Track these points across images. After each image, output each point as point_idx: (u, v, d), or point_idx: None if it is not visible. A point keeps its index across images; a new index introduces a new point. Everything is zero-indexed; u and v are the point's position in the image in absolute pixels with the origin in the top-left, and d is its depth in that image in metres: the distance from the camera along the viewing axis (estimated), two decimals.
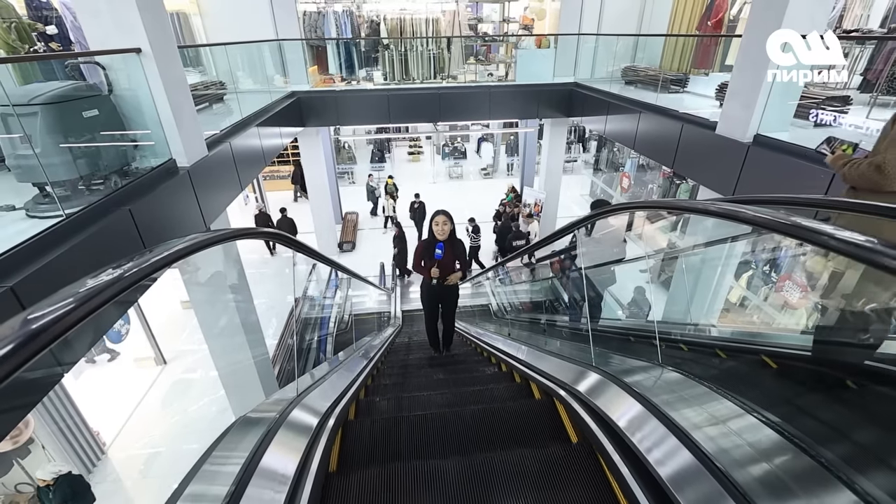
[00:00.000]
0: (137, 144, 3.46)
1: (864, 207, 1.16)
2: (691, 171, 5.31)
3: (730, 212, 1.13)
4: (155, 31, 3.28)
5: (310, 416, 1.72)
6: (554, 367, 2.20)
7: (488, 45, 10.07)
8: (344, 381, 2.64)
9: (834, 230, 0.75)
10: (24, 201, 2.79)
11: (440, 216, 3.59)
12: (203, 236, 1.06)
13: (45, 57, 4.12)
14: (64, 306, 0.61)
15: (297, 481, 1.36)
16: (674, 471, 1.12)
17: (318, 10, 8.82)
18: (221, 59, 6.22)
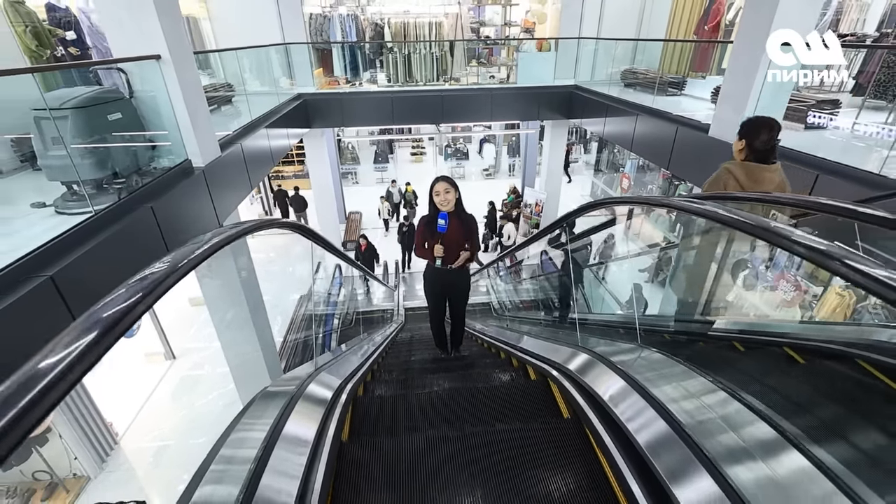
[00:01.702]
0: (156, 145, 3.65)
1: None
2: (686, 172, 5.47)
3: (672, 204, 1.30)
4: (173, 38, 3.47)
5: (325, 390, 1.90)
6: (546, 349, 2.38)
7: (490, 48, 10.25)
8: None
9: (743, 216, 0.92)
10: (53, 199, 2.98)
11: (441, 183, 2.86)
12: (245, 224, 1.24)
13: (74, 65, 4.32)
14: (161, 273, 0.77)
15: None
16: (613, 398, 1.28)
17: (324, 14, 9.01)
18: (229, 62, 6.40)
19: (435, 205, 2.89)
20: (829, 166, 3.46)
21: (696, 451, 1.14)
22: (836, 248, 0.72)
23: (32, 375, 0.49)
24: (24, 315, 1.99)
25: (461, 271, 3.15)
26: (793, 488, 0.97)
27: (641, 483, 1.18)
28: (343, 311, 6.93)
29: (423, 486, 1.42)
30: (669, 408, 1.23)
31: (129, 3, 3.20)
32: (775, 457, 1.11)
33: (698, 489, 1.01)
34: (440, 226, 2.86)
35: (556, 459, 1.49)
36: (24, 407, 0.45)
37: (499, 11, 10.72)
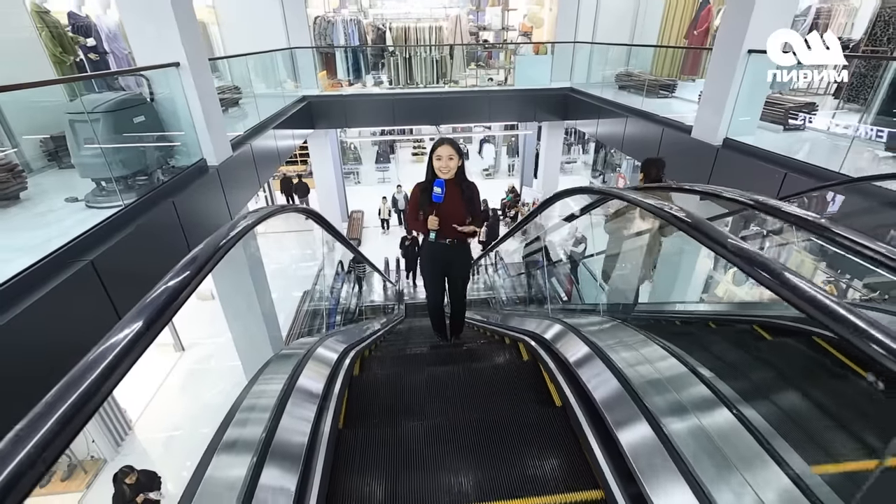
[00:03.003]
0: (174, 145, 3.94)
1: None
2: (672, 172, 5.73)
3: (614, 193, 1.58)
4: (191, 46, 3.76)
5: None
6: (520, 322, 2.71)
7: (489, 52, 10.54)
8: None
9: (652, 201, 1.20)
10: (84, 194, 3.28)
11: (445, 146, 2.48)
12: (269, 208, 1.52)
13: (104, 74, 4.63)
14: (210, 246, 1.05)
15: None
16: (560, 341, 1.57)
17: (328, 19, 9.31)
18: (237, 66, 6.70)
19: (434, 170, 2.53)
20: (797, 165, 3.73)
21: (599, 352, 1.44)
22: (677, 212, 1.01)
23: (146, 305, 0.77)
24: (70, 293, 2.29)
25: (461, 246, 2.80)
26: (719, 438, 1.21)
27: (569, 387, 1.50)
28: (345, 305, 7.22)
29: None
30: (599, 344, 1.54)
31: (152, 15, 3.49)
32: (706, 410, 1.38)
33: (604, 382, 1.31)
34: (436, 195, 2.51)
35: (517, 383, 1.93)
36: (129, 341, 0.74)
37: (497, 12, 11.02)
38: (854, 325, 0.59)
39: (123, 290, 2.56)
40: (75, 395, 0.57)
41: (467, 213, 2.62)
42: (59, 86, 3.90)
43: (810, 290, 0.67)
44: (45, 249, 2.36)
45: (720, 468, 1.01)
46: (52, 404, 0.55)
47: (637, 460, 1.12)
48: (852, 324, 0.60)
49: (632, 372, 1.40)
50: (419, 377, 2.04)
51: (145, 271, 2.83)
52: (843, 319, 0.61)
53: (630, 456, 1.14)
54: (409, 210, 2.78)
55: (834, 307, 0.63)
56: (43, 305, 2.07)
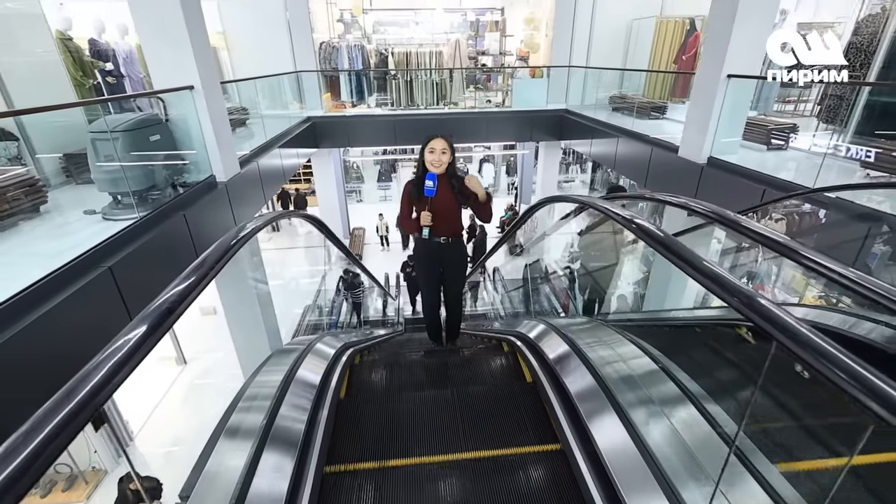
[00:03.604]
0: (186, 163, 4.17)
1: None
2: (659, 188, 5.95)
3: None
4: (204, 71, 4.03)
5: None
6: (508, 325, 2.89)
7: (488, 75, 10.93)
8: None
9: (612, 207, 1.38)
10: (101, 207, 3.48)
11: (438, 140, 2.48)
12: (273, 214, 1.71)
13: (124, 97, 4.92)
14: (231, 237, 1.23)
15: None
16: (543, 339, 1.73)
17: (333, 44, 9.73)
18: (245, 88, 7.02)
19: (425, 165, 2.51)
20: (775, 182, 3.93)
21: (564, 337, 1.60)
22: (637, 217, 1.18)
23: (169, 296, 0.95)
24: (89, 296, 2.46)
25: (456, 243, 2.74)
26: (678, 424, 1.37)
27: (538, 364, 1.66)
28: (345, 321, 7.35)
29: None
30: (571, 337, 1.70)
31: (170, 40, 3.77)
32: (671, 404, 1.54)
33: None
34: (428, 188, 2.46)
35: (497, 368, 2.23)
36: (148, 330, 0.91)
37: (497, 39, 11.46)
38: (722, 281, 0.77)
39: (136, 294, 2.74)
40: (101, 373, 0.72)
41: (460, 207, 2.61)
42: (78, 107, 4.18)
43: (708, 265, 0.84)
44: (66, 257, 2.54)
45: (653, 415, 1.18)
46: (73, 389, 0.67)
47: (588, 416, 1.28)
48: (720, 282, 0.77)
49: (589, 351, 1.57)
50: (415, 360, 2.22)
51: (156, 278, 3.01)
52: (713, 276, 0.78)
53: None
54: (400, 207, 2.70)
55: (712, 269, 0.80)
56: (67, 305, 2.25)
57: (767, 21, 4.24)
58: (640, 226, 1.18)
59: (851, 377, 0.59)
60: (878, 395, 0.56)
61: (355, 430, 1.57)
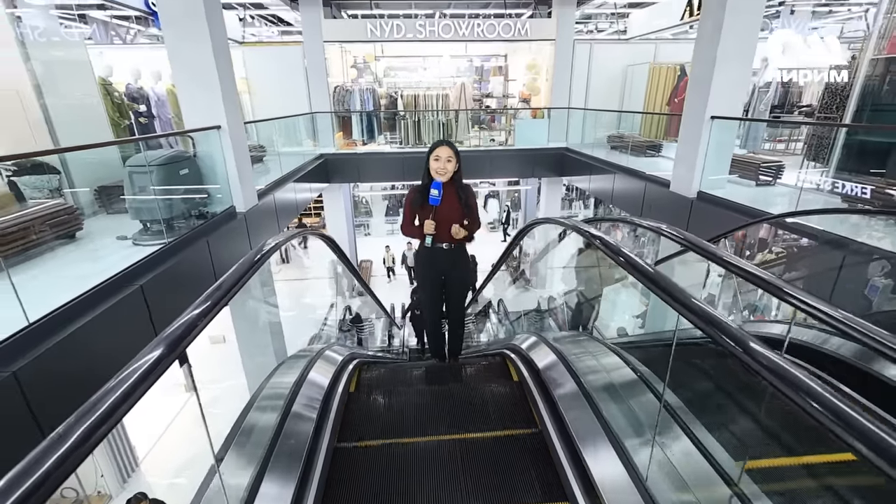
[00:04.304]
0: (209, 195, 4.52)
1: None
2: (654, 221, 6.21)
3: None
4: (230, 113, 4.45)
5: None
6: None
7: (492, 116, 11.52)
8: None
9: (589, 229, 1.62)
10: (132, 234, 3.80)
11: (443, 147, 2.46)
12: (290, 233, 1.97)
13: (160, 136, 5.38)
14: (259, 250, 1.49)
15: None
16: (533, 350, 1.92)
17: (346, 88, 10.40)
18: (263, 128, 7.53)
19: (430, 174, 2.50)
20: (759, 214, 4.16)
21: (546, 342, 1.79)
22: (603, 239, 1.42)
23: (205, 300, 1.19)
24: (121, 312, 2.71)
25: (459, 251, 2.66)
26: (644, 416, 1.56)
27: (526, 369, 1.84)
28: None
29: None
30: (556, 345, 1.90)
31: (202, 85, 4.20)
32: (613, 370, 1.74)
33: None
34: (432, 197, 2.44)
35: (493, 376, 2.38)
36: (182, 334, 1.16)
37: (501, 82, 12.15)
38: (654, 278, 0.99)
39: (161, 309, 2.99)
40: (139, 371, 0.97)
41: (464, 216, 2.55)
42: (117, 144, 4.60)
43: (642, 264, 1.07)
44: (102, 277, 2.82)
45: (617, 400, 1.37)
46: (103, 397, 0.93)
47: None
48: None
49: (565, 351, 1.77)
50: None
51: (180, 297, 3.26)
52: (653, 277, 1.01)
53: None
54: (403, 214, 2.67)
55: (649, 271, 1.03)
56: (103, 318, 2.50)
57: (746, 65, 4.61)
58: (602, 239, 1.41)
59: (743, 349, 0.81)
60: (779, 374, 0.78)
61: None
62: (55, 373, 2.15)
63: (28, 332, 2.18)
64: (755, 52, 4.58)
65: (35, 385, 2.02)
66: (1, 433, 1.88)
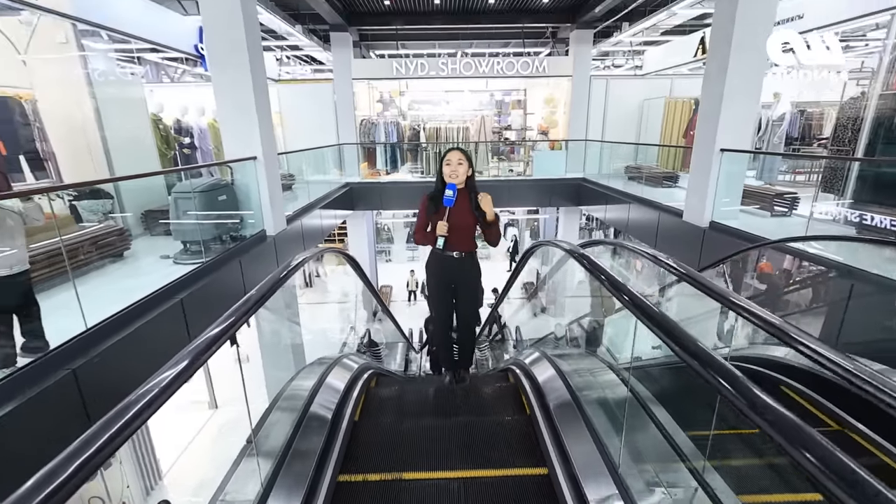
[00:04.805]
0: (243, 219, 4.89)
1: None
2: (667, 250, 6.25)
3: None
4: (266, 144, 4.86)
5: None
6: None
7: (511, 147, 11.89)
8: None
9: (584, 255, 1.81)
10: (173, 253, 4.15)
11: (455, 152, 2.52)
12: (316, 249, 2.22)
13: (202, 166, 5.89)
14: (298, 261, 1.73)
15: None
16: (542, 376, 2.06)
17: (372, 121, 10.99)
18: (294, 158, 8.03)
19: (443, 179, 2.52)
20: (767, 242, 4.22)
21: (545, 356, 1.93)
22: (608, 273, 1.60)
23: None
24: (165, 320, 3.00)
25: (469, 259, 2.65)
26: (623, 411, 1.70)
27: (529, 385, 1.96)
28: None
29: None
30: (557, 362, 2.04)
31: (243, 119, 4.63)
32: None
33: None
34: (447, 197, 2.45)
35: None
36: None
37: (521, 115, 12.59)
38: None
39: (196, 321, 3.26)
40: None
41: (476, 223, 2.56)
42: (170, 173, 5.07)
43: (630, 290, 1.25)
44: (147, 290, 3.13)
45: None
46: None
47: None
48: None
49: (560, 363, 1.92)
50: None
51: (214, 311, 3.54)
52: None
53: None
54: (417, 220, 2.66)
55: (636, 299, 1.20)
56: (149, 327, 2.78)
57: (752, 101, 4.77)
58: (582, 254, 1.59)
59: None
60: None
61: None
62: (106, 372, 2.42)
63: (86, 336, 2.47)
64: (761, 88, 4.75)
65: (89, 381, 2.29)
66: (59, 419, 2.13)
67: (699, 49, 8.47)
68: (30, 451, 2.03)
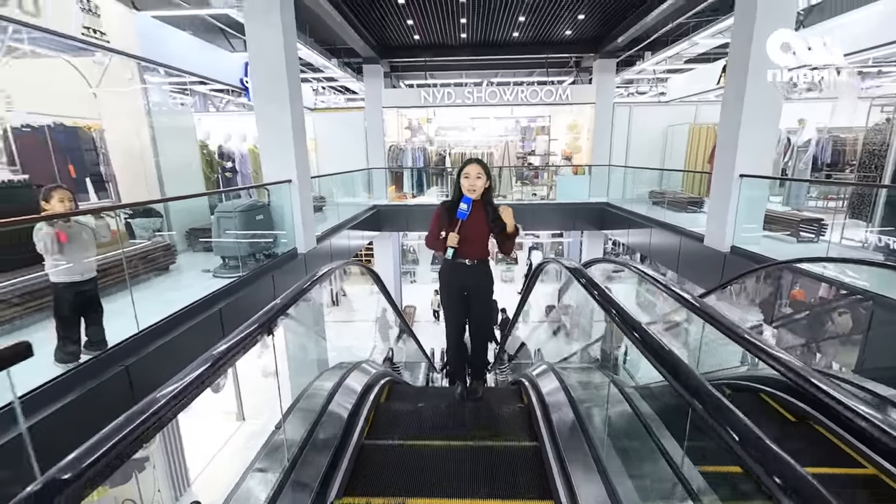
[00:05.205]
0: (277, 238, 5.24)
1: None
2: (689, 274, 6.21)
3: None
4: (301, 168, 5.24)
5: None
6: None
7: (535, 171, 12.10)
8: None
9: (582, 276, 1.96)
10: (213, 268, 4.50)
11: (473, 165, 2.52)
12: (340, 262, 2.45)
13: (242, 188, 6.38)
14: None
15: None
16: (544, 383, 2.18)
17: (400, 147, 11.48)
18: (325, 182, 8.48)
19: (461, 190, 2.52)
20: (790, 268, 4.19)
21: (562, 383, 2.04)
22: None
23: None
24: (205, 326, 3.28)
25: (481, 267, 2.65)
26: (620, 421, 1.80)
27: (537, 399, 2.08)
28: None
29: None
30: (561, 375, 2.16)
31: (281, 145, 5.04)
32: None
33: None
34: (461, 211, 2.48)
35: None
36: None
37: (545, 140, 12.84)
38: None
39: (232, 328, 3.52)
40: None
41: (489, 234, 2.57)
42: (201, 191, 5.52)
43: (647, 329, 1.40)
44: (189, 301, 3.44)
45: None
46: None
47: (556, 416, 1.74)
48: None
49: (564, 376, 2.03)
50: None
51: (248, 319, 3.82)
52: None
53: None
54: (430, 227, 2.66)
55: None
56: (191, 332, 3.07)
57: (771, 128, 4.82)
58: (576, 269, 1.74)
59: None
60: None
61: None
62: (153, 369, 2.69)
63: (137, 337, 2.77)
64: (780, 115, 4.80)
65: (139, 377, 2.56)
66: (112, 410, 2.39)
67: (721, 76, 8.53)
68: (84, 438, 2.29)
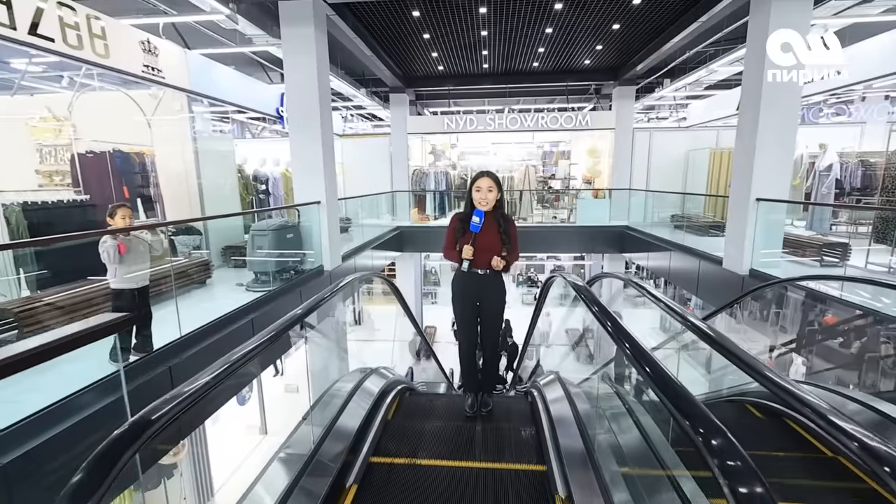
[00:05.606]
0: (305, 256, 5.56)
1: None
2: (708, 297, 6.18)
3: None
4: (329, 191, 5.58)
5: None
6: None
7: (556, 195, 12.25)
8: None
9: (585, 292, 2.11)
10: (246, 282, 4.82)
11: (485, 178, 2.59)
12: (362, 273, 2.67)
13: (274, 209, 6.82)
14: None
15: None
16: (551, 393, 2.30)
17: (424, 171, 11.88)
18: (351, 204, 8.86)
19: (472, 203, 2.61)
20: (810, 292, 4.19)
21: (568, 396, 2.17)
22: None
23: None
24: (238, 335, 3.55)
25: (494, 277, 2.70)
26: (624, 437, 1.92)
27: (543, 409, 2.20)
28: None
29: None
30: (567, 385, 2.29)
31: (311, 170, 5.40)
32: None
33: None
34: (473, 224, 2.56)
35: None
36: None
37: (566, 164, 13.04)
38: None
39: None
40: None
41: (502, 246, 2.64)
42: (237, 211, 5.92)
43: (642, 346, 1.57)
44: (224, 311, 3.73)
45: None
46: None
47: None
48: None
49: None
50: None
51: None
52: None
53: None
54: (445, 239, 2.76)
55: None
56: (225, 339, 3.33)
57: (786, 153, 4.87)
58: (576, 284, 1.90)
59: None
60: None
61: None
62: (193, 370, 2.94)
63: (179, 342, 3.05)
64: (795, 140, 4.87)
65: (179, 377, 2.82)
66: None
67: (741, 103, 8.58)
68: None
